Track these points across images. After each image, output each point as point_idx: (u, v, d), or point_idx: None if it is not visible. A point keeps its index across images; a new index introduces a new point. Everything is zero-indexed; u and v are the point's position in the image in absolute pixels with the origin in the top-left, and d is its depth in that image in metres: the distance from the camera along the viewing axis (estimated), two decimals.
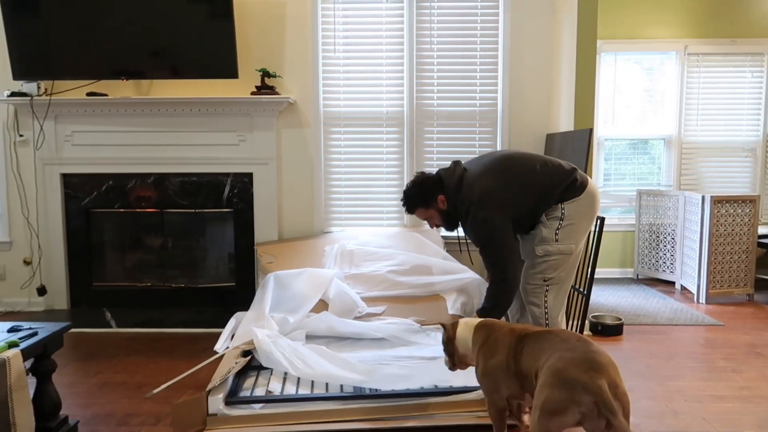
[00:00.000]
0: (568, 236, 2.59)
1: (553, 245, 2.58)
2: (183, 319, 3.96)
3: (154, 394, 2.73)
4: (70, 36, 3.90)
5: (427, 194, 2.65)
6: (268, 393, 2.54)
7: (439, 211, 2.67)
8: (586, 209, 2.62)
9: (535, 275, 2.64)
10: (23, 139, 4.13)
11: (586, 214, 2.62)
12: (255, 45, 4.09)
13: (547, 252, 2.60)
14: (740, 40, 5.04)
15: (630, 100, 5.24)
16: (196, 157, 4.13)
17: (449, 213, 2.66)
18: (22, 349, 2.06)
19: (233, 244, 4.26)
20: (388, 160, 4.24)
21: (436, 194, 2.64)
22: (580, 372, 1.75)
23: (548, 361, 1.84)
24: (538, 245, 2.61)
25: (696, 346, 3.43)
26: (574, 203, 2.59)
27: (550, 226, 2.59)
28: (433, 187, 2.65)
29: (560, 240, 2.58)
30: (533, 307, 2.67)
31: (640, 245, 5.15)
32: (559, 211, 2.58)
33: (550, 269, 2.61)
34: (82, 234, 4.23)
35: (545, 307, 2.63)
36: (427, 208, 2.68)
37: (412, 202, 2.69)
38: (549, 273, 2.61)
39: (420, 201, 2.67)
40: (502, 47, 4.13)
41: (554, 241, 2.58)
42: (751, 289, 4.47)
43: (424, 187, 2.66)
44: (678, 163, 5.19)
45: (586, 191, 2.61)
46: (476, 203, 2.53)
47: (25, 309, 4.22)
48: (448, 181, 2.62)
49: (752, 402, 2.66)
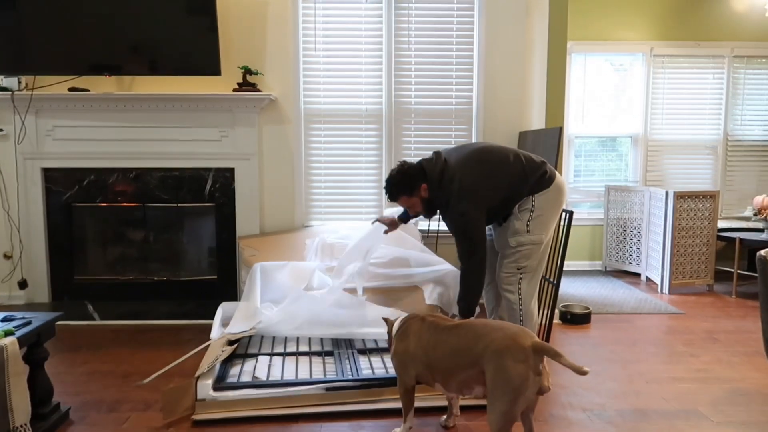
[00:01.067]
0: (538, 227, 2.75)
1: (525, 236, 2.74)
2: (165, 311, 4.03)
3: (146, 382, 2.81)
4: (47, 30, 3.92)
5: (411, 182, 2.74)
6: (254, 379, 2.64)
7: (421, 199, 2.77)
8: (554, 201, 2.79)
9: (509, 264, 2.80)
10: (3, 134, 4.15)
11: (554, 206, 2.79)
12: (237, 42, 4.17)
13: (520, 243, 2.75)
14: (703, 42, 5.28)
15: (599, 100, 5.45)
16: (178, 152, 4.19)
17: (430, 201, 2.78)
18: (18, 337, 2.14)
19: (215, 238, 4.34)
20: (368, 156, 4.36)
21: (420, 183, 2.74)
22: (524, 340, 1.95)
23: (489, 347, 1.98)
24: (511, 237, 2.77)
25: (658, 333, 3.64)
26: (544, 195, 2.75)
27: (521, 218, 2.75)
28: (417, 176, 2.74)
29: (531, 231, 2.74)
30: (508, 294, 2.82)
31: (608, 239, 5.36)
32: (529, 203, 2.74)
33: (522, 258, 2.76)
34: (63, 228, 4.26)
35: (519, 294, 2.79)
36: (410, 196, 2.76)
37: (396, 189, 2.76)
38: (522, 262, 2.77)
39: (404, 189, 2.75)
40: (477, 48, 4.28)
41: (526, 232, 2.74)
42: (711, 280, 4.71)
43: (409, 176, 2.74)
44: (644, 160, 5.41)
45: (554, 184, 2.78)
46: (456, 195, 2.67)
47: (5, 303, 4.24)
48: (430, 171, 2.74)
49: (707, 383, 2.86)
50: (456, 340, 2.10)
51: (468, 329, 2.11)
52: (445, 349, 2.12)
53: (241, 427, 2.39)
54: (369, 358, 2.95)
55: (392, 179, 2.76)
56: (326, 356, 2.97)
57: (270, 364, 2.81)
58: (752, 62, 5.35)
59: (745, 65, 5.34)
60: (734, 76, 5.35)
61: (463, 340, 2.08)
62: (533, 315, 2.85)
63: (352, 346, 3.10)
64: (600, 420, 2.47)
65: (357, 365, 2.80)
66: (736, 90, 5.38)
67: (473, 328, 2.10)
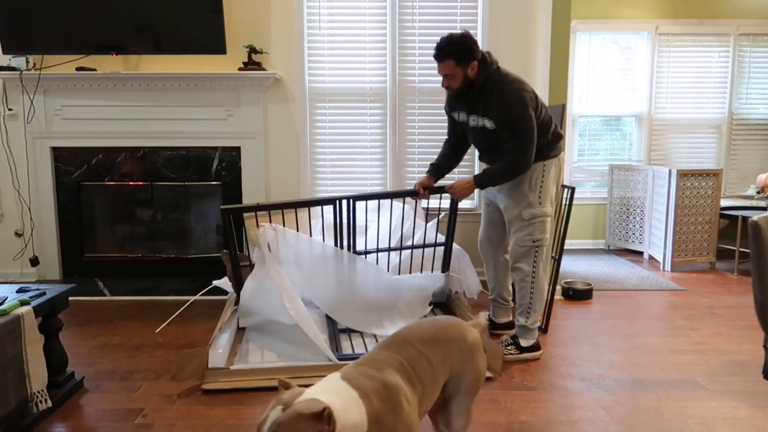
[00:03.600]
0: (547, 198, 2.79)
1: (538, 208, 2.77)
2: (174, 288, 4.11)
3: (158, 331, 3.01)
4: (54, 10, 3.95)
5: (467, 52, 2.63)
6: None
7: (465, 75, 2.66)
8: (558, 172, 2.84)
9: (525, 238, 2.79)
10: (12, 113, 4.20)
11: (556, 178, 2.85)
12: (242, 21, 4.19)
13: (533, 215, 2.76)
14: (708, 21, 5.25)
15: (604, 79, 5.45)
16: (185, 132, 4.24)
17: (471, 84, 2.69)
18: (34, 306, 2.21)
19: (221, 216, 4.39)
20: (372, 134, 4.40)
21: (473, 58, 2.64)
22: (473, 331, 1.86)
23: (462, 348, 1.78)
24: (524, 209, 2.77)
25: (659, 309, 3.69)
26: (553, 161, 2.79)
27: (531, 187, 2.76)
28: (475, 49, 2.65)
29: (543, 202, 2.78)
30: (523, 266, 2.81)
31: (612, 217, 5.40)
32: (540, 170, 2.76)
33: (537, 231, 2.78)
34: (73, 206, 4.33)
35: (534, 266, 2.80)
36: (457, 63, 2.64)
37: (449, 50, 2.62)
38: (537, 234, 2.78)
39: (457, 53, 2.62)
40: (481, 25, 4.28)
41: (538, 203, 2.77)
42: (713, 258, 4.75)
43: (467, 45, 2.63)
44: (648, 139, 5.42)
45: (562, 154, 2.87)
46: (519, 83, 2.66)
47: (17, 279, 4.33)
48: (488, 60, 2.69)
49: (705, 355, 2.92)
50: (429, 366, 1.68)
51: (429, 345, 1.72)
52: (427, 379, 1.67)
53: (250, 396, 2.46)
54: (375, 336, 3.02)
55: (452, 38, 2.63)
56: (340, 334, 3.04)
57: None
58: (758, 40, 5.32)
59: (750, 43, 5.32)
60: (740, 55, 5.33)
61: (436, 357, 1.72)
62: (544, 289, 2.87)
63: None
64: (598, 389, 2.53)
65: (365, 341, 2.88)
66: (742, 68, 5.36)
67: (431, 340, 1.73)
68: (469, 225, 4.41)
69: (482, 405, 2.36)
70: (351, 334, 3.06)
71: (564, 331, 3.26)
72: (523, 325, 2.86)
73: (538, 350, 2.88)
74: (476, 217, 4.39)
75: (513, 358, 2.83)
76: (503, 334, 3.08)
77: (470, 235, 4.39)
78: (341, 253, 3.13)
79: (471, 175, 4.32)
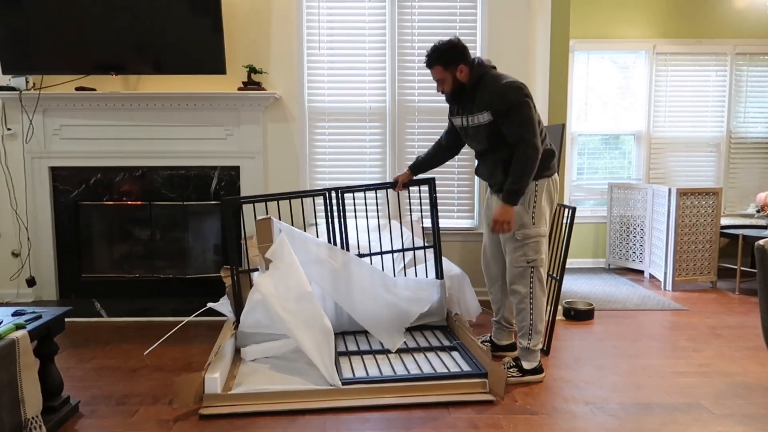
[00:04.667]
0: (541, 219, 2.78)
1: (531, 228, 2.75)
2: (171, 308, 4.07)
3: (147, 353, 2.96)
4: (54, 31, 3.96)
5: (454, 56, 2.70)
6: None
7: (454, 78, 2.74)
8: (551, 192, 2.81)
9: (519, 258, 2.78)
10: (11, 133, 4.20)
11: (549, 198, 2.81)
12: (242, 41, 4.20)
13: (527, 235, 2.76)
14: (705, 40, 5.29)
15: (602, 97, 5.47)
16: (184, 151, 4.23)
17: (461, 87, 2.76)
18: (29, 330, 2.18)
19: (220, 236, 4.38)
20: (371, 154, 4.39)
21: (460, 62, 2.71)
22: None
23: None
24: (517, 230, 2.76)
25: (661, 329, 3.66)
26: (546, 182, 2.77)
27: (527, 209, 2.75)
28: (462, 54, 2.72)
29: (537, 222, 2.76)
30: (519, 288, 2.80)
31: (612, 236, 5.38)
32: (532, 188, 2.74)
33: (531, 251, 2.76)
34: (70, 226, 4.31)
35: (530, 287, 2.78)
36: (446, 68, 2.72)
37: (437, 56, 2.72)
38: (531, 255, 2.77)
39: (445, 58, 2.71)
40: (480, 45, 4.31)
41: (532, 224, 2.76)
42: (714, 277, 4.73)
43: (454, 50, 2.71)
44: (647, 158, 5.43)
45: (556, 174, 2.85)
46: (514, 80, 2.66)
47: (13, 300, 4.29)
48: (477, 64, 2.73)
49: (709, 377, 2.88)
50: None
51: None
52: None
53: (248, 421, 2.42)
54: (375, 358, 2.99)
55: (439, 45, 2.72)
56: (340, 356, 3.00)
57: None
58: (755, 60, 5.36)
59: (747, 62, 5.36)
60: (737, 74, 5.37)
61: None
62: (543, 309, 2.84)
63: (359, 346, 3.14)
64: (603, 413, 2.49)
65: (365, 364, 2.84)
66: (739, 87, 5.39)
67: None
68: (469, 244, 4.39)
69: (485, 430, 2.32)
70: (351, 356, 3.02)
71: (566, 353, 3.22)
72: (525, 347, 2.83)
73: (541, 373, 2.84)
74: (476, 236, 4.37)
75: (516, 380, 2.79)
76: (505, 356, 3.05)
77: (470, 254, 4.37)
78: (337, 251, 3.18)
79: (472, 175, 4.33)
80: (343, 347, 3.12)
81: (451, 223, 4.41)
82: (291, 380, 2.71)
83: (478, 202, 4.41)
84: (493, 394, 2.59)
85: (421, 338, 3.27)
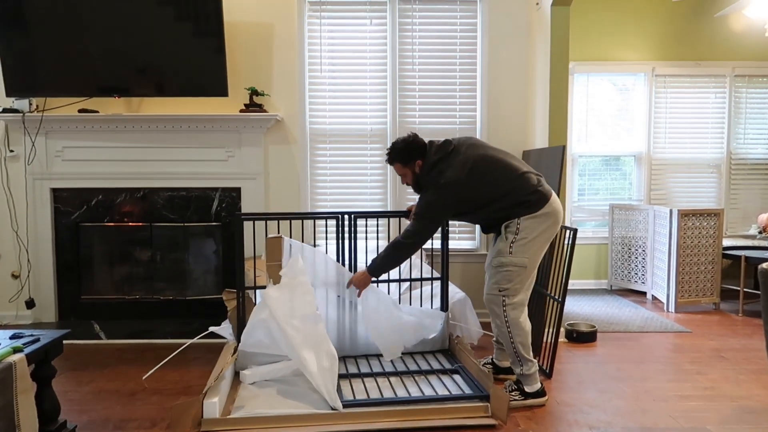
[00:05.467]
0: (522, 250, 2.74)
1: (507, 257, 2.75)
2: (171, 330, 4.04)
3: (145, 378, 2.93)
4: (58, 53, 3.99)
5: (410, 154, 2.89)
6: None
7: (413, 172, 2.91)
8: (541, 226, 2.75)
9: (492, 285, 2.81)
10: (14, 155, 4.21)
11: (541, 232, 2.76)
12: (244, 64, 4.24)
13: (501, 263, 2.76)
14: (704, 63, 5.33)
15: (602, 119, 5.49)
16: (185, 173, 4.24)
17: (420, 178, 2.90)
18: (27, 354, 2.16)
19: (221, 258, 4.37)
20: (372, 175, 4.40)
21: (417, 158, 2.88)
22: None
23: None
24: (495, 257, 2.80)
25: (664, 351, 3.62)
26: (530, 219, 2.74)
27: (506, 238, 2.76)
28: (418, 151, 2.89)
29: (514, 253, 2.74)
30: (494, 314, 2.84)
31: (613, 257, 5.36)
32: (514, 225, 2.75)
33: (504, 280, 2.76)
34: (71, 248, 4.30)
35: (505, 315, 2.78)
36: (404, 165, 2.92)
37: (395, 155, 2.93)
38: (504, 284, 2.76)
39: (402, 157, 2.91)
40: (480, 68, 4.34)
41: (508, 253, 2.75)
42: (717, 299, 4.69)
43: (410, 148, 2.89)
44: (648, 179, 5.43)
45: (544, 209, 2.75)
46: (434, 186, 2.79)
47: (12, 322, 4.26)
48: (430, 155, 2.85)
49: (715, 401, 2.85)
50: None
51: None
52: None
53: None
54: (376, 380, 2.95)
55: (396, 145, 2.93)
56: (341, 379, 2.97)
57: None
58: (753, 81, 5.39)
59: (746, 84, 5.39)
60: (736, 96, 5.39)
61: None
62: (523, 328, 2.79)
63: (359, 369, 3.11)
64: None
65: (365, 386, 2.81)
66: (738, 109, 5.42)
67: None
68: (470, 266, 4.38)
69: None
70: (351, 379, 2.98)
71: (569, 376, 3.19)
72: (520, 374, 2.81)
73: (544, 396, 2.81)
74: (477, 257, 4.36)
75: (518, 404, 2.76)
76: (506, 378, 3.01)
77: (471, 276, 4.36)
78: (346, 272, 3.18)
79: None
80: (343, 369, 3.08)
81: (452, 244, 4.38)
82: (291, 404, 2.68)
83: None
84: (496, 418, 2.56)
85: (423, 361, 3.24)
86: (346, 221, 3.28)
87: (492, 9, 4.29)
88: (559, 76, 3.87)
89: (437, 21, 4.34)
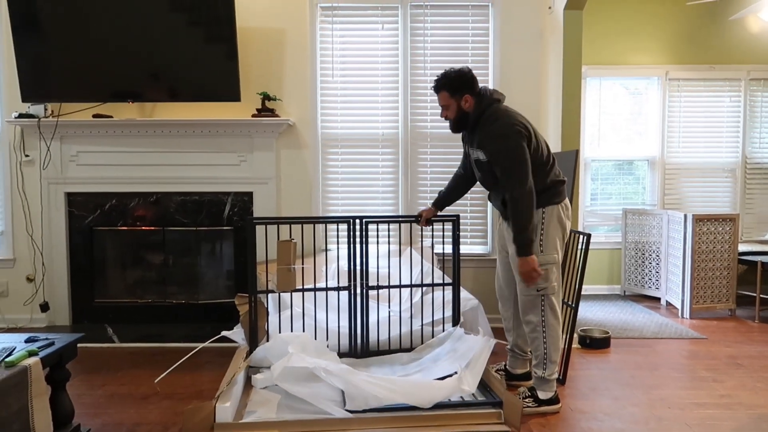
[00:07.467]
0: (549, 246, 2.74)
1: (540, 257, 2.72)
2: (183, 334, 4.06)
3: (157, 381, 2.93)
4: (72, 59, 4.03)
5: (462, 85, 2.76)
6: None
7: (459, 107, 2.78)
8: (560, 218, 2.75)
9: (530, 287, 2.76)
10: (29, 159, 4.26)
11: (559, 224, 2.76)
12: (256, 69, 4.26)
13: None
14: (718, 66, 5.28)
15: (615, 123, 5.45)
16: (198, 177, 4.26)
17: (465, 116, 2.79)
18: (41, 357, 2.17)
19: (233, 262, 4.38)
20: (384, 180, 4.40)
21: (466, 92, 2.75)
22: None
23: None
24: None
25: (680, 358, 3.58)
26: (553, 210, 2.73)
27: (535, 236, 2.71)
28: (469, 84, 2.76)
29: (545, 251, 2.73)
30: (531, 317, 2.77)
31: (627, 262, 5.31)
32: (539, 216, 2.72)
33: (541, 279, 2.72)
34: (84, 251, 4.33)
35: (542, 316, 2.74)
36: (451, 95, 2.77)
37: (444, 82, 2.78)
38: (541, 283, 2.73)
39: (452, 86, 2.76)
40: (492, 72, 4.33)
41: (540, 252, 2.73)
42: (732, 305, 4.64)
43: (463, 79, 2.76)
44: (661, 183, 5.38)
45: (566, 201, 2.79)
46: (510, 117, 2.66)
47: (27, 325, 4.30)
48: (488, 96, 2.75)
49: (731, 409, 2.81)
50: None
51: None
52: None
53: None
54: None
55: (447, 72, 2.78)
56: None
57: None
58: None
59: (762, 88, 5.33)
60: (751, 99, 5.34)
61: None
62: (558, 337, 2.78)
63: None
64: None
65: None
66: (753, 113, 5.36)
67: None
68: (482, 271, 4.35)
69: None
70: None
71: (582, 382, 3.16)
72: (540, 377, 2.77)
73: (557, 403, 2.78)
74: (489, 262, 4.34)
75: (532, 411, 2.74)
76: (520, 385, 2.99)
77: (483, 281, 4.34)
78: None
79: (485, 201, 4.33)
80: None
81: (464, 249, 4.38)
82: (303, 408, 2.67)
83: (491, 227, 4.39)
84: (509, 425, 2.54)
85: None
86: (358, 226, 3.28)
87: (504, 13, 4.28)
88: (572, 80, 3.85)
89: (449, 25, 4.34)
